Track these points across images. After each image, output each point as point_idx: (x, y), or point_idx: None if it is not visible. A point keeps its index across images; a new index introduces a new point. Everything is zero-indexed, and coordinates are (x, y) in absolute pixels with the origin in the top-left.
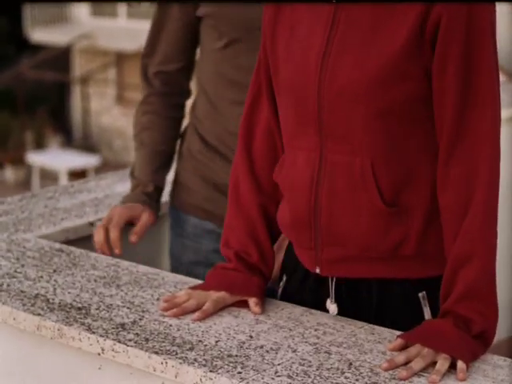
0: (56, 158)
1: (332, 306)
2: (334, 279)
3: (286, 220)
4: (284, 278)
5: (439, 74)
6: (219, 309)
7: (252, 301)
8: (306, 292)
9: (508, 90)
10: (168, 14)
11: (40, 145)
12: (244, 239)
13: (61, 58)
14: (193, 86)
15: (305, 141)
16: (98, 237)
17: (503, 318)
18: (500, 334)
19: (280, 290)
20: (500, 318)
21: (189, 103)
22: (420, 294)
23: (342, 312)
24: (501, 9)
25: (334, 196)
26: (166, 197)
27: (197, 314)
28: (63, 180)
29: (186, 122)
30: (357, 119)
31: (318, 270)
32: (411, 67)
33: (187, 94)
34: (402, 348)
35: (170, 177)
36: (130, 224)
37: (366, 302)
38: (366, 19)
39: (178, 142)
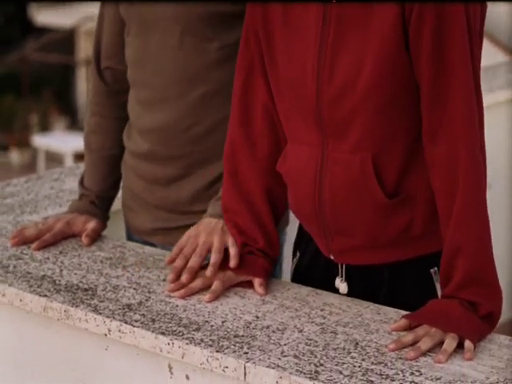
0: (61, 141)
1: (342, 285)
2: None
3: (294, 209)
4: (298, 255)
5: (415, 61)
6: (226, 288)
7: (256, 281)
8: (317, 269)
9: (509, 71)
10: (105, 8)
11: (45, 127)
12: (249, 224)
13: (66, 40)
14: None
15: (308, 136)
16: (29, 233)
17: (507, 299)
18: (504, 314)
19: (293, 267)
20: (504, 299)
21: None
22: (432, 270)
23: (353, 291)
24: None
25: (336, 192)
26: None
27: (208, 296)
28: (68, 162)
29: None
30: (356, 116)
31: (332, 257)
32: (403, 56)
33: None
34: (406, 329)
35: None
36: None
37: (377, 281)
38: (355, 13)
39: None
